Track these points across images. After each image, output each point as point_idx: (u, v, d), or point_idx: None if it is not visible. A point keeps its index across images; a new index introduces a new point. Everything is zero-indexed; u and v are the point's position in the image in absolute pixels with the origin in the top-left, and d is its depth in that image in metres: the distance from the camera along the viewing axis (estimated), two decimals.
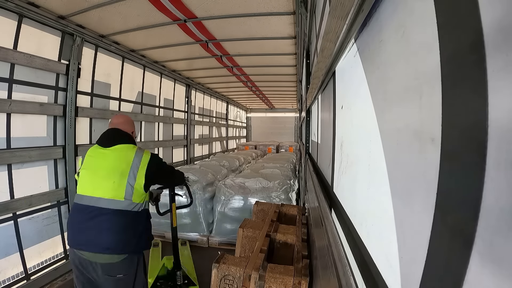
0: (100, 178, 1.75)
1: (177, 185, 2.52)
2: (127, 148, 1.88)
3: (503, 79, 0.25)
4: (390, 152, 0.59)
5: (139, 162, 1.82)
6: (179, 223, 3.65)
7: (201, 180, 4.32)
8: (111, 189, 1.72)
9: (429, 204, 0.39)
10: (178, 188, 2.58)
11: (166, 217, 3.02)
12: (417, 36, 0.47)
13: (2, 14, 2.62)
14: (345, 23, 0.72)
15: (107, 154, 1.83)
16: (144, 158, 1.85)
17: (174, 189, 2.56)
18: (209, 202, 4.26)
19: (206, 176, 4.51)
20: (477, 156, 0.28)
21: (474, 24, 0.29)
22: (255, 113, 15.09)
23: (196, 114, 7.95)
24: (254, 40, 4.05)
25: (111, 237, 1.66)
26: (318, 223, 1.36)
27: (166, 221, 3.64)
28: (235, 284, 1.72)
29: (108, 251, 1.64)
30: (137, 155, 1.85)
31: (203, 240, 4.10)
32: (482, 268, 0.27)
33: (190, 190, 2.71)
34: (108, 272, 1.66)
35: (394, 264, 0.53)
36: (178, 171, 2.39)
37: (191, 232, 4.13)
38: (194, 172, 4.49)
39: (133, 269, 1.74)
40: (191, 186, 3.91)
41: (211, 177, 4.69)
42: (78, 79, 3.50)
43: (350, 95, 1.02)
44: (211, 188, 4.44)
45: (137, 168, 1.79)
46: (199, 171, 4.69)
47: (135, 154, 1.85)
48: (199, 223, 4.13)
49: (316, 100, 2.55)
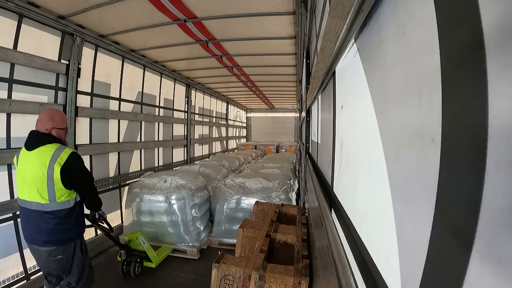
0: (28, 184, 1.94)
1: (90, 205, 2.29)
2: (47, 149, 1.95)
3: (503, 79, 0.25)
4: (390, 152, 0.59)
5: (55, 160, 1.92)
6: (162, 232, 3.78)
7: (189, 184, 3.91)
8: (37, 193, 1.92)
9: (429, 204, 0.39)
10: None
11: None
12: (417, 36, 0.47)
13: (2, 14, 2.62)
14: (345, 23, 0.72)
15: (31, 158, 1.95)
16: (62, 155, 1.95)
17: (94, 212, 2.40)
18: (200, 208, 3.96)
19: (196, 180, 4.12)
20: (477, 156, 0.28)
21: (474, 24, 0.29)
22: (255, 113, 15.09)
23: (196, 114, 7.95)
24: (254, 40, 4.05)
25: (47, 234, 1.96)
26: (318, 223, 1.36)
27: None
28: (235, 284, 1.72)
29: (46, 244, 1.99)
30: (55, 154, 1.94)
31: (193, 252, 3.69)
32: (482, 268, 0.27)
33: (107, 221, 2.60)
34: (50, 255, 2.02)
35: (394, 264, 0.53)
36: (96, 193, 2.27)
37: (178, 243, 3.75)
38: (182, 175, 4.08)
39: (70, 251, 2.07)
40: (176, 192, 3.72)
41: (202, 180, 4.28)
42: (78, 79, 3.50)
43: (350, 95, 1.02)
44: (201, 193, 4.10)
45: (52, 169, 1.91)
46: (188, 174, 4.26)
47: (53, 153, 1.93)
48: (188, 232, 3.75)
49: (316, 100, 2.55)
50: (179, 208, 3.69)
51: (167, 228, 3.72)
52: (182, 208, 3.71)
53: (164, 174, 4.21)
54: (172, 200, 3.70)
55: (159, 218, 3.74)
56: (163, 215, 3.71)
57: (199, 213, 3.93)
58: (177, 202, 3.69)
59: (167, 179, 3.97)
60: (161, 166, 5.90)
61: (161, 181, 3.95)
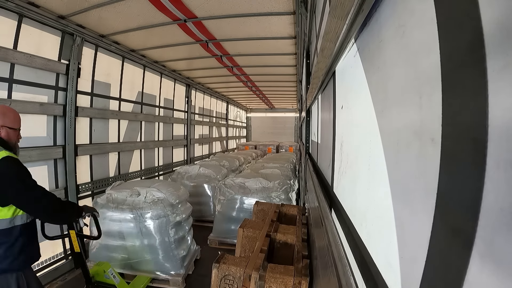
0: None
1: (51, 219, 1.81)
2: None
3: (503, 79, 0.25)
4: (390, 152, 0.59)
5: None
6: (136, 258, 2.99)
7: (169, 198, 3.11)
8: None
9: (429, 204, 0.39)
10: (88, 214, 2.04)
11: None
12: (417, 36, 0.47)
13: (2, 14, 2.62)
14: (345, 23, 0.73)
15: None
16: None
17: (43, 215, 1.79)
18: (183, 227, 3.26)
19: (177, 192, 3.29)
20: (477, 156, 0.28)
21: (474, 24, 0.29)
22: (255, 113, 15.10)
23: (196, 114, 7.96)
24: (254, 40, 4.05)
25: None
26: (318, 223, 1.36)
27: None
28: (235, 284, 1.72)
29: None
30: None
31: (176, 281, 2.97)
32: (482, 268, 0.27)
33: (98, 223, 2.16)
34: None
35: (394, 264, 0.53)
36: (53, 201, 1.68)
37: (158, 271, 3.00)
38: (159, 186, 3.25)
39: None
40: (153, 209, 2.95)
41: (183, 192, 3.45)
42: (78, 79, 3.50)
43: (350, 95, 1.02)
44: (185, 207, 3.36)
45: None
46: (166, 185, 3.40)
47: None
48: (169, 258, 3.01)
49: (316, 100, 2.55)
50: (157, 229, 2.96)
51: (143, 253, 2.99)
52: (161, 228, 2.97)
53: (137, 184, 3.35)
54: (147, 219, 2.94)
55: (132, 242, 2.98)
56: (137, 238, 2.96)
57: (182, 232, 3.21)
58: (154, 222, 2.95)
59: (141, 192, 3.13)
60: (161, 166, 5.90)
61: (134, 195, 3.10)
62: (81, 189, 3.62)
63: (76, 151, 3.49)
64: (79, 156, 3.59)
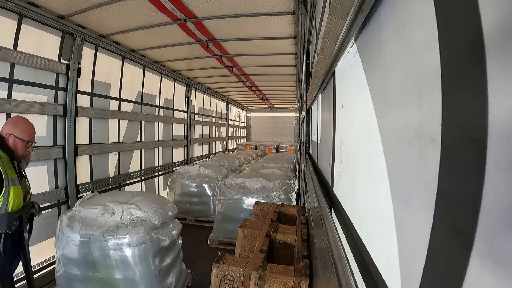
0: None
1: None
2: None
3: (503, 79, 0.25)
4: (390, 152, 0.59)
5: None
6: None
7: (152, 218, 2.44)
8: None
9: (429, 204, 0.39)
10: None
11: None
12: (417, 36, 0.47)
13: (2, 14, 2.62)
14: (345, 23, 0.73)
15: None
16: None
17: None
18: (171, 251, 2.61)
19: (162, 208, 2.58)
20: (477, 156, 0.28)
21: (474, 24, 0.29)
22: (255, 113, 15.10)
23: (196, 114, 7.96)
24: (254, 40, 4.05)
25: None
26: (318, 223, 1.36)
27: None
28: (235, 284, 1.72)
29: None
30: None
31: None
32: (482, 268, 0.27)
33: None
34: None
35: (394, 264, 0.53)
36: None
37: None
38: (138, 203, 2.53)
39: None
40: (132, 233, 2.30)
41: (171, 207, 2.75)
42: (78, 79, 3.50)
43: (350, 95, 1.02)
44: (172, 225, 2.65)
45: None
46: (147, 200, 2.62)
47: None
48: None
49: (316, 100, 2.55)
50: (137, 259, 2.31)
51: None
52: (142, 257, 2.32)
53: (112, 199, 2.62)
54: (124, 246, 2.29)
55: (107, 274, 2.33)
56: (112, 269, 2.32)
57: (169, 258, 2.57)
58: (132, 250, 2.30)
59: (116, 210, 2.44)
60: (161, 166, 5.90)
61: (106, 213, 2.43)
62: (81, 189, 3.62)
63: (76, 151, 3.49)
64: (79, 156, 3.59)
